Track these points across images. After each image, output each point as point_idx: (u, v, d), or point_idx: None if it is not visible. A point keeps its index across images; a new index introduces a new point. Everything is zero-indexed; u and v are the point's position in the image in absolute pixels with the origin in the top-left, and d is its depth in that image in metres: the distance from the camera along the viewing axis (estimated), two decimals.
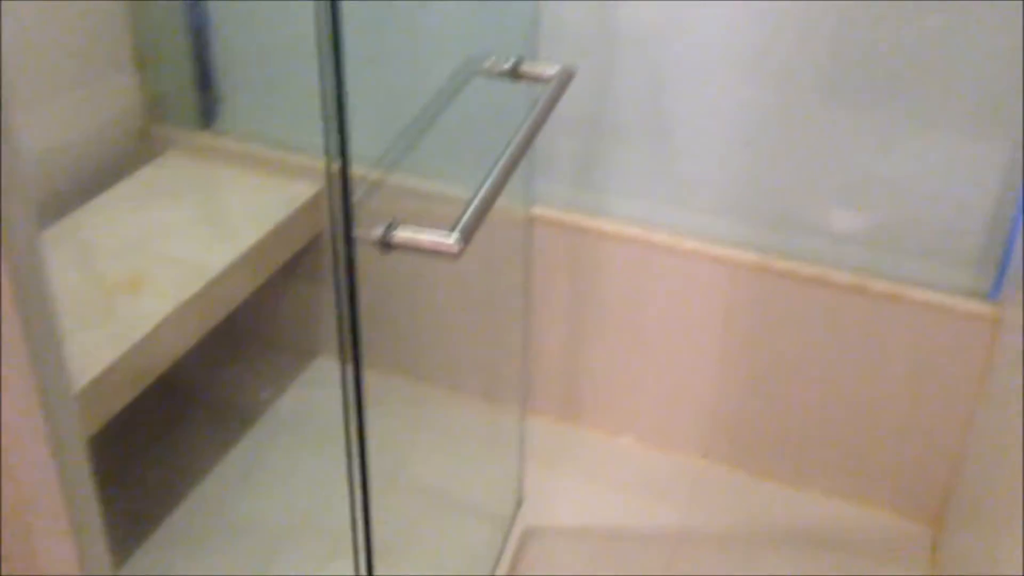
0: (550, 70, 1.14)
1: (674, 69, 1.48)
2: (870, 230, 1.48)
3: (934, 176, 1.41)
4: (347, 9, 0.77)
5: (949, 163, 1.40)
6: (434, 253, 0.82)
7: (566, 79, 1.12)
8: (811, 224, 1.50)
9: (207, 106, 1.70)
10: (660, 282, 1.58)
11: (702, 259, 1.54)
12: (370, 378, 0.87)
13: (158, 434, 1.61)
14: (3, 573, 0.60)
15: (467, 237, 0.83)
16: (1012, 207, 1.39)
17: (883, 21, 1.34)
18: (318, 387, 1.76)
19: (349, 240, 0.78)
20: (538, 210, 1.58)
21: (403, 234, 0.81)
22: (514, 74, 1.15)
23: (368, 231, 0.80)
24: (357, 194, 0.81)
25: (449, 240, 0.82)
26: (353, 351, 0.86)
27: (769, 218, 1.52)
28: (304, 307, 1.79)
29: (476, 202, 0.88)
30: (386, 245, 0.81)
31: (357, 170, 0.82)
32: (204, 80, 1.67)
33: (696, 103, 1.49)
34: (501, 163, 0.94)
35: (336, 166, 0.81)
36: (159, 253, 1.42)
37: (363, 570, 0.96)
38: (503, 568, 1.44)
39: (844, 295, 1.48)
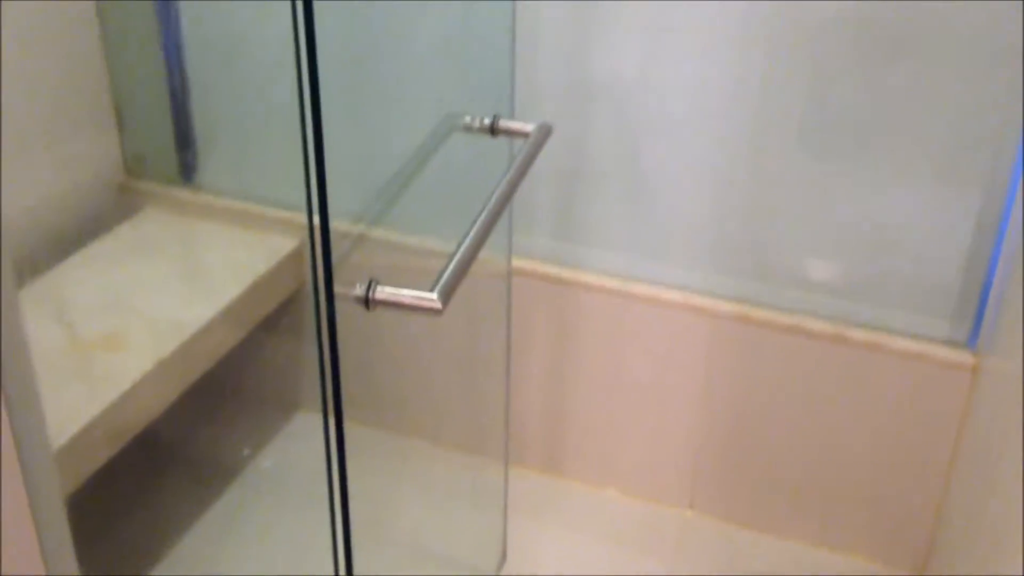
0: (528, 127, 1.15)
1: (650, 122, 1.50)
2: (847, 279, 1.49)
3: (909, 225, 1.43)
4: (327, 66, 0.78)
5: (923, 212, 1.42)
6: (416, 310, 0.83)
7: (544, 136, 1.13)
8: (789, 274, 1.51)
9: (186, 161, 1.70)
10: (641, 333, 1.59)
11: (682, 310, 1.55)
12: (352, 431, 0.86)
13: (138, 491, 1.59)
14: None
15: (448, 294, 0.83)
16: (986, 255, 1.41)
17: (850, 76, 1.36)
18: (300, 441, 1.75)
19: (330, 298, 0.78)
20: (518, 262, 1.59)
21: (385, 291, 0.81)
22: (493, 131, 1.16)
23: (350, 288, 0.81)
24: (338, 251, 0.82)
25: (431, 297, 0.82)
26: (335, 405, 0.86)
27: (747, 268, 1.53)
28: (285, 361, 1.78)
29: (457, 259, 0.89)
30: (368, 302, 0.81)
31: (338, 225, 0.82)
32: (183, 135, 1.68)
33: (672, 155, 1.50)
34: (481, 220, 0.95)
35: (317, 222, 0.81)
36: (138, 310, 1.41)
37: None
38: None
39: (824, 344, 1.48)
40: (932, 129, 1.36)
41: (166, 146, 1.69)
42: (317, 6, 0.76)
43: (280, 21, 0.78)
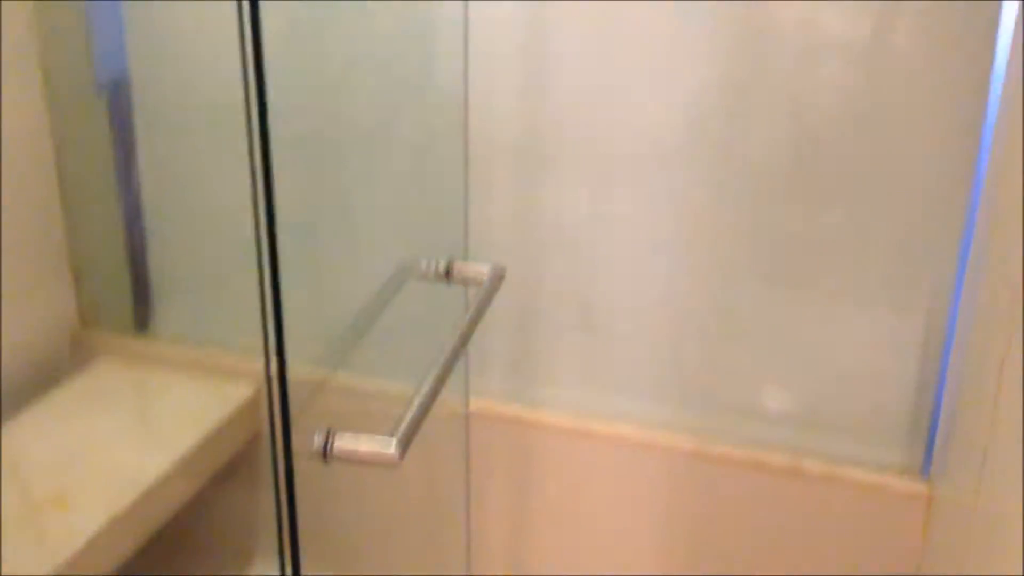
0: (482, 270, 1.17)
1: (601, 260, 1.53)
2: (801, 410, 1.51)
3: (858, 353, 1.46)
4: (284, 211, 0.80)
5: (870, 340, 1.45)
6: (373, 462, 0.83)
7: (498, 279, 1.16)
8: (743, 406, 1.53)
9: (141, 310, 1.71)
10: (600, 471, 1.59)
11: (640, 447, 1.55)
12: None
13: None
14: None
15: (406, 444, 0.83)
16: (933, 382, 1.44)
17: (793, 210, 1.41)
18: None
19: (288, 451, 0.78)
20: (475, 404, 1.59)
21: (342, 444, 0.82)
22: (447, 276, 1.18)
23: (307, 442, 0.81)
24: (295, 399, 0.82)
25: (388, 450, 0.83)
26: (292, 556, 0.85)
27: (702, 402, 1.55)
28: (242, 509, 1.75)
29: (414, 408, 0.89)
30: (326, 455, 0.81)
31: (295, 371, 0.83)
32: (139, 285, 1.68)
33: (623, 292, 1.53)
34: (436, 368, 0.96)
35: (275, 368, 0.82)
36: (91, 465, 1.39)
37: None
38: None
39: (780, 478, 1.49)
40: (874, 258, 1.41)
41: (121, 296, 1.69)
42: (276, 155, 0.79)
43: (238, 169, 0.80)
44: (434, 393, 0.94)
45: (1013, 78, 1.21)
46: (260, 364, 0.82)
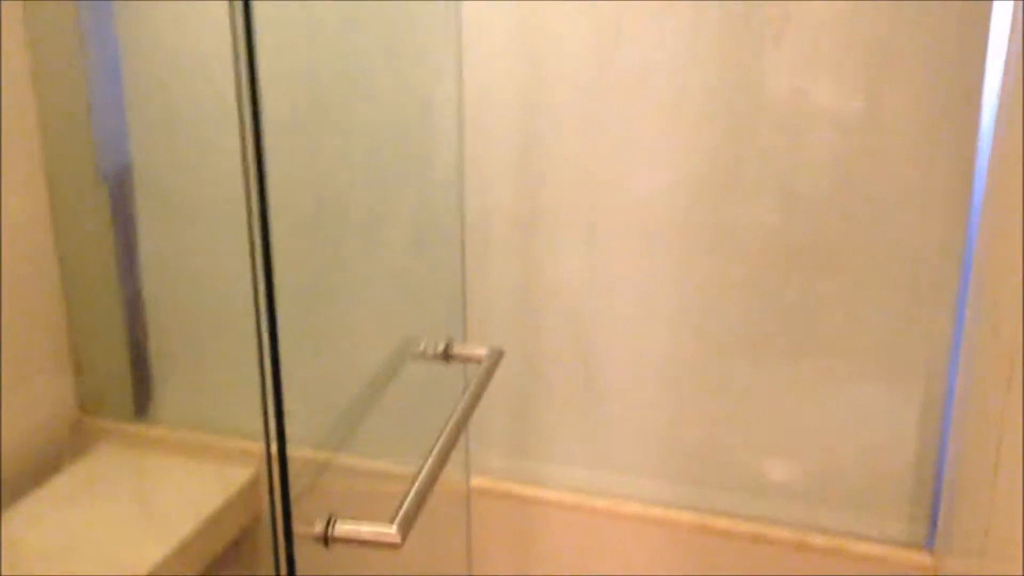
0: (480, 351, 1.18)
1: (599, 334, 1.54)
2: (804, 483, 1.51)
3: (858, 425, 1.46)
4: (285, 296, 0.81)
5: (871, 412, 1.45)
6: (375, 546, 0.82)
7: (495, 360, 1.16)
8: (746, 480, 1.53)
9: (141, 396, 1.70)
10: (602, 547, 1.58)
11: (642, 522, 1.54)
12: None
13: None
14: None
15: (407, 527, 0.83)
16: (934, 454, 1.44)
17: (789, 282, 1.43)
18: None
19: (288, 536, 0.78)
20: (476, 480, 1.58)
21: (344, 528, 0.82)
22: (446, 356, 1.19)
23: (308, 526, 0.81)
24: (295, 481, 0.82)
25: (390, 532, 0.82)
26: None
27: (704, 476, 1.54)
28: None
29: (415, 489, 0.89)
30: (327, 540, 0.81)
31: (295, 453, 0.83)
32: (139, 371, 1.68)
33: (622, 366, 1.54)
34: (437, 448, 0.96)
35: (275, 451, 0.82)
36: (90, 552, 1.38)
37: None
38: None
39: (785, 552, 1.48)
40: (869, 329, 1.42)
41: (121, 382, 1.69)
42: (275, 237, 0.80)
43: (239, 256, 0.81)
44: (435, 474, 0.94)
45: (999, 146, 1.23)
46: (260, 446, 0.82)
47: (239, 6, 0.76)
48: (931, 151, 1.33)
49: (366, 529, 0.82)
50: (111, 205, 1.59)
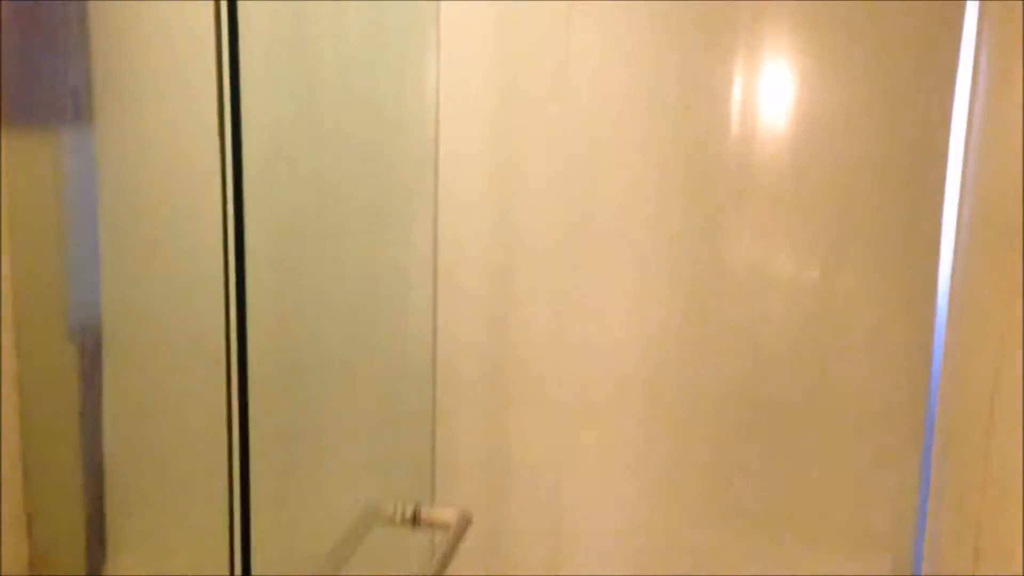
0: (448, 516, 1.17)
1: (566, 497, 1.53)
2: None
3: None
4: (256, 448, 0.80)
5: None
6: None
7: (464, 526, 1.15)
8: None
9: (94, 557, 1.66)
10: None
11: None
12: None
13: None
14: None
15: None
16: None
17: (750, 453, 1.44)
18: None
19: None
20: None
21: None
22: (414, 522, 1.17)
23: None
24: None
25: None
26: None
27: None
28: None
29: None
30: None
31: None
32: (94, 533, 1.64)
33: (589, 528, 1.53)
34: None
35: None
36: None
37: None
38: None
39: None
40: (834, 498, 1.42)
41: (75, 542, 1.64)
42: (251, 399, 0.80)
43: (205, 419, 0.81)
44: None
45: (955, 310, 1.26)
46: None
47: (228, 162, 0.79)
48: (888, 313, 1.36)
49: None
50: (79, 363, 1.58)
